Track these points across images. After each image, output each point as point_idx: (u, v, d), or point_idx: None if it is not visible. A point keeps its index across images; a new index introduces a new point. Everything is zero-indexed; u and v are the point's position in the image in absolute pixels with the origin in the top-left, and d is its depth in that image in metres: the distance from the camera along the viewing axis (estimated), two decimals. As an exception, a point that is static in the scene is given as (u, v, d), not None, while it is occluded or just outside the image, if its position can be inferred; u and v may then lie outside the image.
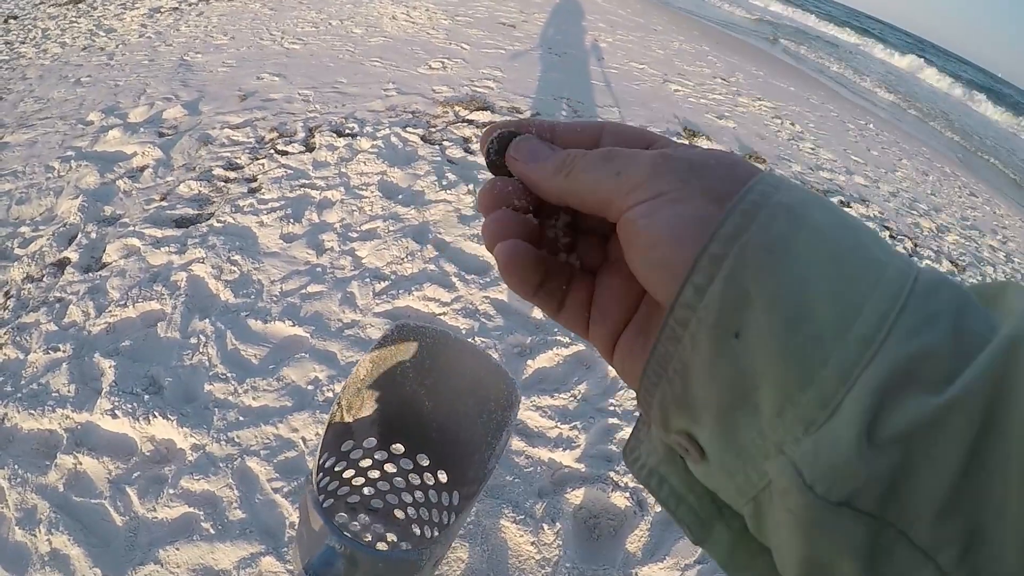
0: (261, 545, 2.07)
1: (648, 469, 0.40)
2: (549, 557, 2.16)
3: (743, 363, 0.30)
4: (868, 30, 39.87)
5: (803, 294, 0.29)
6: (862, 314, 0.28)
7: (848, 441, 0.27)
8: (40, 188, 3.85)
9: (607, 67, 8.27)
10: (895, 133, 11.90)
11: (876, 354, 0.27)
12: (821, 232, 0.30)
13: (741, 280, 0.30)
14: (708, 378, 0.31)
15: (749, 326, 0.30)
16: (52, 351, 2.67)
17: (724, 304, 0.30)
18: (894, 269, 0.30)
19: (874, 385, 0.27)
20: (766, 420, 0.30)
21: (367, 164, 4.31)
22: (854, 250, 0.30)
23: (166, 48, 6.64)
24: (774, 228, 0.30)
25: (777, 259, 0.30)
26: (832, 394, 0.28)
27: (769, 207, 0.31)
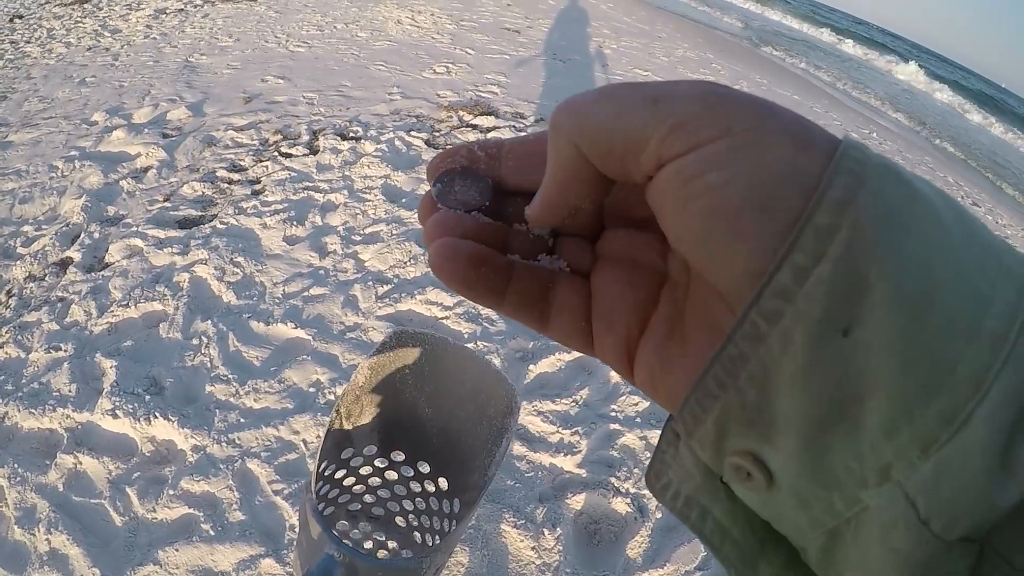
0: (261, 547, 2.06)
1: (684, 498, 0.32)
2: (550, 562, 2.15)
3: (852, 369, 0.23)
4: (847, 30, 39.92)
5: (929, 279, 0.23)
6: (992, 306, 0.23)
7: (980, 466, 0.22)
8: (43, 187, 3.86)
9: (611, 73, 8.27)
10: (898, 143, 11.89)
11: (1010, 355, 0.22)
12: (934, 205, 0.24)
13: (857, 260, 0.23)
14: (799, 388, 0.24)
15: (865, 320, 0.23)
16: (53, 350, 2.67)
17: (834, 292, 0.23)
18: (1011, 256, 0.24)
19: (1010, 392, 0.22)
20: (869, 440, 0.23)
21: (371, 167, 4.31)
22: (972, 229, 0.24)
23: (171, 49, 6.65)
24: (887, 195, 0.24)
25: (899, 234, 0.23)
26: (961, 405, 0.22)
27: (873, 168, 0.24)
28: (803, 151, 0.25)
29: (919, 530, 0.23)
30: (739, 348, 0.25)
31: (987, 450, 0.22)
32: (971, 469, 0.22)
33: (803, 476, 0.25)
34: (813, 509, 0.26)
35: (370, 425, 1.50)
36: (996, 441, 0.22)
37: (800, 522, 0.27)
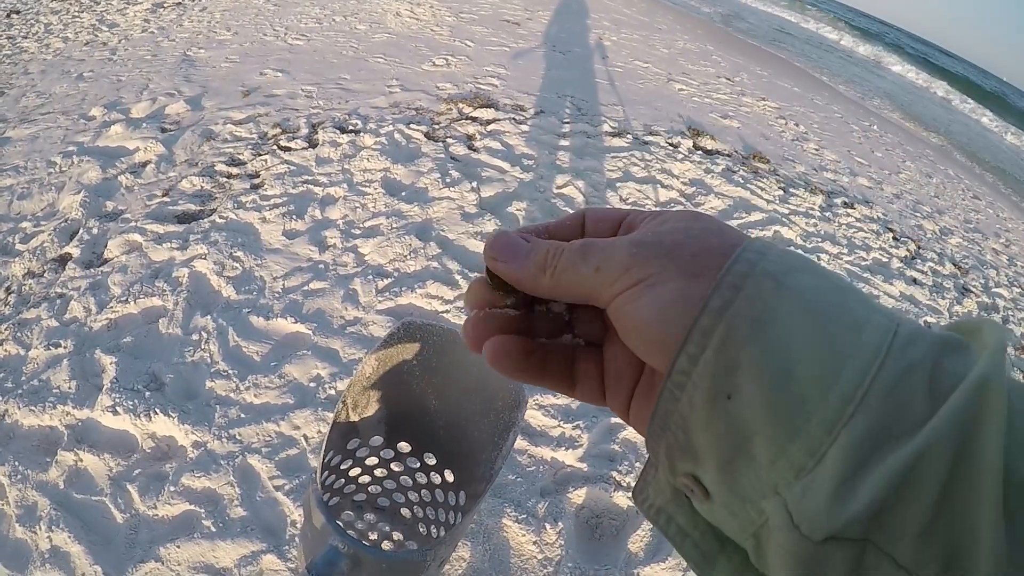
0: (262, 543, 2.06)
1: (656, 508, 0.42)
2: (551, 557, 2.15)
3: (737, 420, 0.32)
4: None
5: (787, 359, 0.31)
6: (842, 374, 0.30)
7: (829, 489, 0.30)
8: (42, 183, 3.84)
9: (611, 65, 8.26)
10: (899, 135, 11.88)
11: (856, 411, 0.30)
12: (804, 298, 0.33)
13: (730, 349, 0.33)
14: (706, 432, 0.34)
15: (739, 389, 0.32)
16: (53, 347, 2.66)
17: (716, 371, 0.33)
18: (873, 327, 0.32)
19: (854, 439, 0.29)
20: (762, 466, 0.32)
21: (370, 161, 4.30)
22: (836, 312, 0.33)
23: (169, 43, 6.63)
24: (759, 298, 0.33)
25: (762, 328, 0.32)
26: (818, 445, 0.30)
27: (755, 276, 0.34)
28: (692, 281, 0.36)
29: (793, 532, 0.31)
30: (665, 406, 0.36)
31: (835, 478, 0.29)
32: (824, 490, 0.30)
33: (725, 491, 0.34)
34: (739, 517, 0.34)
35: (376, 416, 1.50)
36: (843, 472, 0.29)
37: (734, 527, 0.35)
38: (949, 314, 4.69)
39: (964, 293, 5.21)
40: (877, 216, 6.00)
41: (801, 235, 4.90)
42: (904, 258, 5.33)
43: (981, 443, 0.28)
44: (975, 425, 0.28)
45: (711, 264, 0.37)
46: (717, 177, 5.28)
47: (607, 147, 5.34)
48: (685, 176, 5.17)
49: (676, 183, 5.00)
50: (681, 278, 0.37)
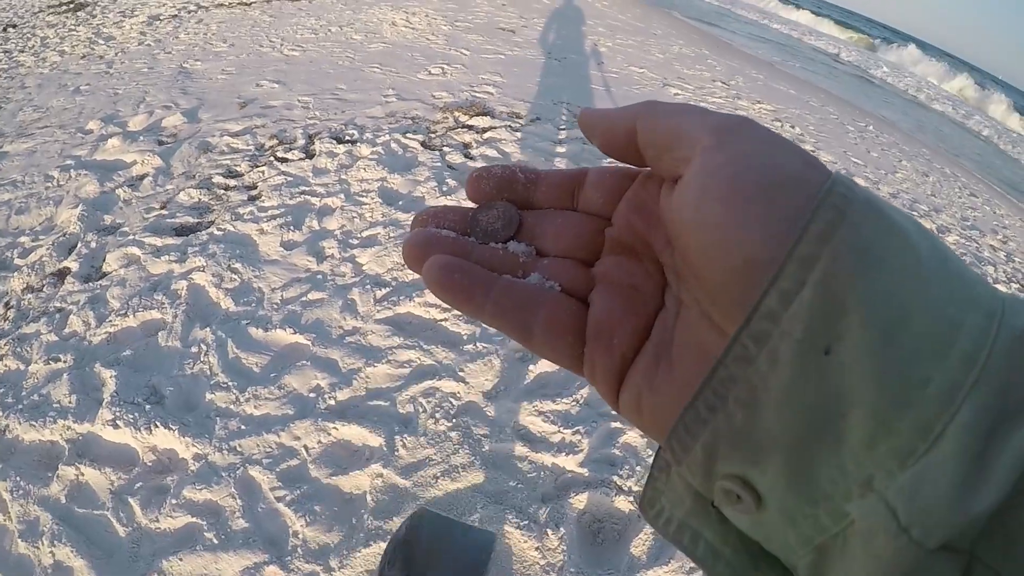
0: (264, 554, 2.06)
1: (677, 523, 0.34)
2: (554, 562, 2.15)
3: (832, 385, 0.26)
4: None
5: (901, 305, 0.25)
6: (963, 329, 0.25)
7: (955, 476, 0.24)
8: (40, 198, 3.85)
9: (607, 71, 8.27)
10: (895, 135, 11.90)
11: (982, 373, 0.24)
12: (910, 238, 0.27)
13: (835, 287, 0.26)
14: (785, 405, 0.27)
15: (843, 340, 0.26)
16: (53, 361, 2.67)
17: (815, 314, 0.26)
18: (982, 286, 0.27)
19: (982, 408, 0.24)
20: (852, 453, 0.26)
21: (367, 170, 4.31)
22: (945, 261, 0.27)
23: (165, 56, 6.65)
24: (865, 229, 0.27)
25: (873, 265, 0.26)
26: (935, 419, 0.24)
27: (858, 203, 0.27)
28: (810, 168, 0.30)
29: (900, 537, 0.24)
30: (729, 370, 0.28)
31: (961, 461, 0.23)
32: (946, 478, 0.24)
33: (790, 493, 0.27)
34: (801, 526, 0.28)
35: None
36: (969, 452, 0.23)
37: (789, 540, 0.29)
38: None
39: (962, 292, 5.20)
40: (874, 217, 5.98)
41: (798, 237, 4.89)
42: (902, 258, 5.32)
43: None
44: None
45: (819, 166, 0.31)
46: (714, 181, 5.27)
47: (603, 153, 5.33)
48: (682, 180, 5.16)
49: (673, 187, 4.98)
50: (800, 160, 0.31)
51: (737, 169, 0.30)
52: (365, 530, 2.14)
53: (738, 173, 0.30)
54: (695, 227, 0.32)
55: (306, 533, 2.13)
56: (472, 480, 2.35)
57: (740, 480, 0.29)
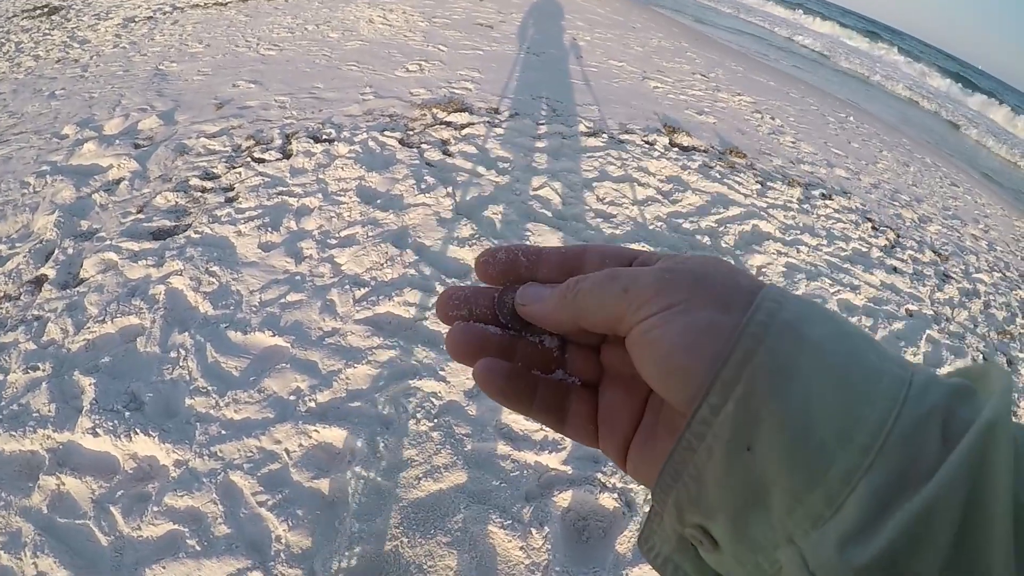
0: (248, 560, 2.05)
1: (663, 557, 0.42)
2: (538, 561, 2.15)
3: (755, 472, 0.33)
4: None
5: (808, 411, 0.32)
6: (862, 424, 0.31)
7: (844, 537, 0.30)
8: (16, 204, 3.82)
9: (586, 65, 8.28)
10: (876, 125, 11.96)
11: (875, 461, 0.31)
12: (823, 349, 0.34)
13: (752, 403, 0.33)
14: (722, 485, 0.35)
15: (760, 441, 0.33)
16: (31, 370, 2.64)
17: (737, 423, 0.34)
18: (889, 377, 0.33)
19: (873, 488, 0.30)
20: (776, 517, 0.33)
21: (345, 169, 4.29)
22: (854, 363, 0.33)
23: (141, 58, 6.61)
24: (780, 352, 0.34)
25: (784, 382, 0.33)
26: (836, 494, 0.31)
27: (775, 327, 0.35)
28: (722, 311, 0.37)
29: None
30: (681, 456, 0.36)
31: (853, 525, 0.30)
32: (838, 537, 0.30)
33: (735, 543, 0.35)
34: (748, 566, 0.35)
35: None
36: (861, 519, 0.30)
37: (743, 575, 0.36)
38: (930, 301, 4.73)
39: (945, 280, 5.25)
40: (855, 206, 6.04)
41: (780, 228, 4.92)
42: (884, 247, 5.37)
43: (991, 487, 0.29)
44: (984, 470, 0.29)
45: (739, 300, 0.38)
46: (694, 173, 5.30)
47: (583, 147, 5.35)
48: (662, 174, 5.18)
49: (653, 181, 5.01)
50: (712, 307, 0.38)
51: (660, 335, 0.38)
52: (348, 533, 2.14)
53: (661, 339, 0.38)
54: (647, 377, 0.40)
55: (289, 537, 2.13)
56: (455, 480, 2.35)
57: (702, 529, 0.37)
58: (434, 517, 2.22)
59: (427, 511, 2.24)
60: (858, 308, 4.22)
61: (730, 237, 4.51)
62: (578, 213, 4.28)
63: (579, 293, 0.43)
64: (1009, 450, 0.29)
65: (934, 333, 4.23)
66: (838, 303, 4.18)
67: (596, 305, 0.42)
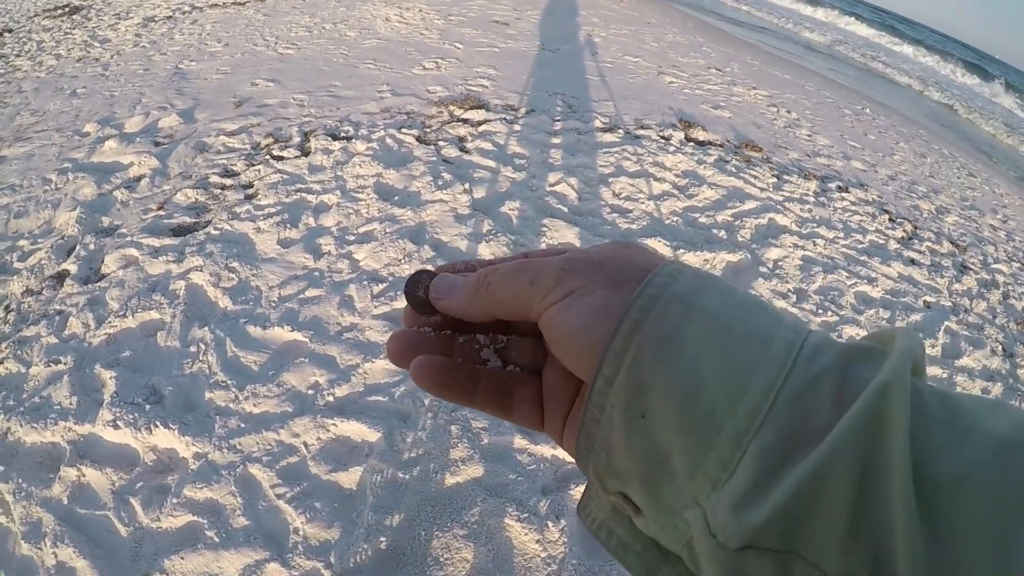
0: (266, 552, 2.07)
1: (599, 523, 0.45)
2: (555, 555, 2.16)
3: (653, 438, 0.35)
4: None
5: (694, 376, 0.34)
6: (749, 388, 0.33)
7: (737, 498, 0.31)
8: (38, 201, 3.86)
9: (601, 61, 8.26)
10: (892, 117, 11.86)
11: (764, 422, 0.32)
12: (711, 317, 0.35)
13: (640, 370, 0.35)
14: (627, 452, 0.36)
15: (652, 408, 0.35)
16: (53, 364, 2.68)
17: (629, 391, 0.35)
18: (780, 341, 0.34)
19: (763, 450, 0.31)
20: (681, 481, 0.34)
21: (363, 167, 4.31)
22: (743, 329, 0.35)
23: (160, 57, 6.66)
24: (666, 320, 0.36)
25: (669, 349, 0.35)
26: (729, 458, 0.32)
27: (664, 299, 0.36)
28: (615, 292, 0.39)
29: (710, 540, 0.33)
30: (588, 428, 0.38)
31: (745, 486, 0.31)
32: (732, 498, 0.32)
33: (653, 507, 0.37)
34: (667, 529, 0.37)
35: None
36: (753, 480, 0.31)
37: (668, 539, 0.38)
38: (948, 292, 4.69)
39: (963, 271, 5.19)
40: (872, 199, 5.99)
41: (796, 221, 4.89)
42: (901, 239, 5.32)
43: (886, 446, 0.29)
44: (878, 430, 0.30)
45: (633, 277, 0.39)
46: (710, 168, 5.28)
47: (599, 143, 5.35)
48: (678, 168, 5.17)
49: (669, 175, 5.00)
50: (605, 288, 0.39)
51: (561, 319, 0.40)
52: (365, 525, 2.15)
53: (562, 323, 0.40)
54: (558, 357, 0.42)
55: (306, 530, 2.14)
56: (472, 473, 2.36)
57: (622, 495, 0.39)
58: (451, 510, 2.23)
59: (444, 504, 2.25)
60: (875, 300, 4.18)
61: (746, 231, 4.49)
62: (594, 208, 4.28)
63: (490, 286, 0.45)
64: (904, 410, 0.30)
65: (952, 324, 4.19)
66: (855, 295, 4.15)
67: (507, 296, 0.44)
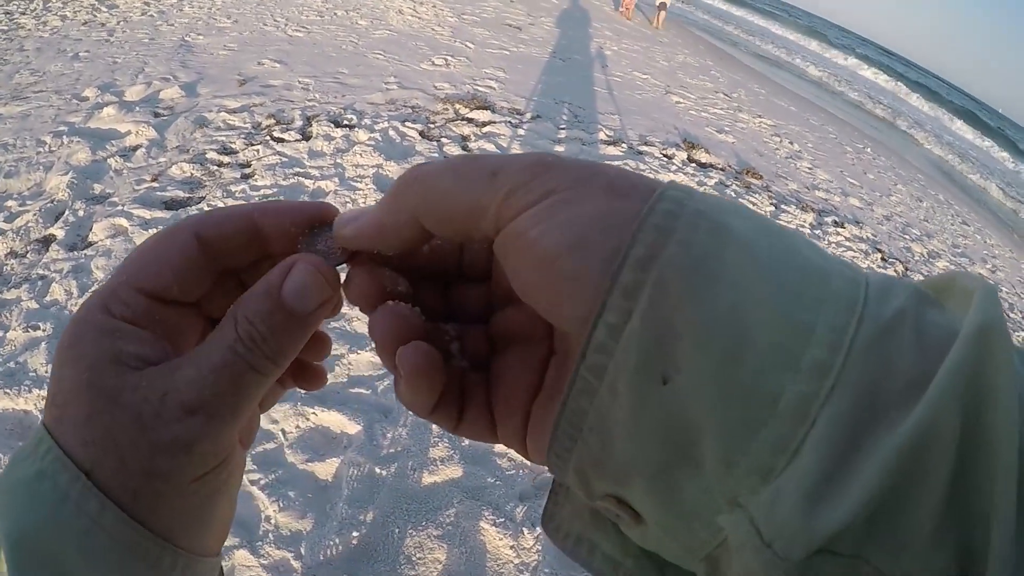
0: (235, 538, 2.03)
1: (574, 537, 0.34)
2: (528, 562, 2.13)
3: (676, 413, 0.24)
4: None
5: (741, 321, 0.23)
6: (814, 335, 0.23)
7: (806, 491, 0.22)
8: (30, 162, 3.80)
9: (611, 75, 8.28)
10: (892, 159, 11.95)
11: (837, 382, 0.22)
12: (749, 244, 0.25)
13: (664, 313, 0.24)
14: (634, 435, 0.26)
15: (679, 368, 0.24)
16: (32, 329, 2.62)
17: (646, 344, 0.24)
18: (839, 277, 0.25)
19: (838, 420, 0.22)
20: (712, 473, 0.24)
21: (363, 156, 4.28)
22: (792, 261, 0.25)
23: (168, 28, 6.60)
24: (695, 245, 0.25)
25: (705, 283, 0.24)
26: (790, 435, 0.23)
27: (686, 216, 0.26)
28: (617, 199, 0.27)
29: (764, 552, 0.23)
30: (577, 403, 0.27)
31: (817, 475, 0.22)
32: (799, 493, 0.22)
33: (663, 511, 0.27)
34: (681, 539, 0.27)
35: None
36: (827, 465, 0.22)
37: (678, 551, 0.28)
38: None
39: (950, 318, 5.23)
40: (867, 236, 6.02)
41: (791, 253, 4.90)
42: (892, 280, 5.35)
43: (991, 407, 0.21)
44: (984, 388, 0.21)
45: (638, 187, 0.28)
46: (710, 190, 5.26)
47: (602, 155, 5.35)
48: (679, 188, 5.17)
49: (669, 194, 4.99)
50: (603, 195, 0.28)
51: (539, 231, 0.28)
52: (339, 519, 2.11)
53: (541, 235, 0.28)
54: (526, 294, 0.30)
55: (279, 519, 2.10)
56: (450, 474, 2.33)
57: (615, 499, 0.28)
58: (427, 509, 2.20)
59: (420, 503, 2.22)
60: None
61: (743, 257, 4.49)
62: (593, 220, 4.27)
63: (424, 178, 0.31)
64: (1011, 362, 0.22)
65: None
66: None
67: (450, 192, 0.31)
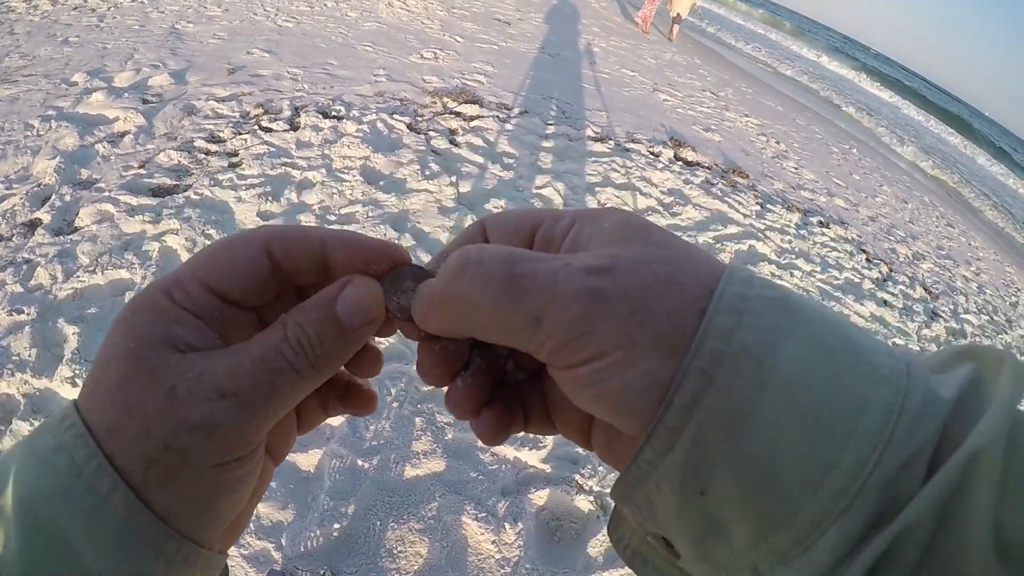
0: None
1: (632, 550, 0.39)
2: (509, 557, 2.14)
3: (712, 512, 0.30)
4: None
5: (771, 460, 0.28)
6: (835, 471, 0.27)
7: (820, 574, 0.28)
8: (17, 146, 3.78)
9: (599, 71, 8.28)
10: (878, 159, 12.01)
11: (851, 505, 0.27)
12: (791, 383, 0.28)
13: (703, 450, 0.29)
14: (675, 518, 0.31)
15: (714, 486, 0.29)
16: (16, 313, 2.61)
17: (687, 470, 0.29)
18: (876, 406, 0.28)
19: (846, 532, 0.27)
20: (740, 547, 0.30)
21: (351, 148, 4.27)
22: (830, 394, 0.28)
23: (158, 15, 6.55)
24: (736, 391, 0.29)
25: (741, 428, 0.28)
26: (804, 537, 0.28)
27: (731, 356, 0.29)
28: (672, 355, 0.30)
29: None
30: (629, 484, 0.33)
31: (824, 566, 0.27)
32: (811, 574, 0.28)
33: (695, 558, 0.32)
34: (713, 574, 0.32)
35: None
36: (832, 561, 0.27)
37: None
38: (917, 337, 4.76)
39: (933, 317, 5.28)
40: (852, 237, 6.07)
41: (775, 251, 4.94)
42: (876, 280, 5.40)
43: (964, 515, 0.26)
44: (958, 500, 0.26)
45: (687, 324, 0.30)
46: (696, 188, 5.31)
47: (589, 151, 5.36)
48: (664, 185, 5.19)
49: (655, 191, 5.02)
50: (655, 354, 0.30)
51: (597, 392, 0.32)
52: (320, 510, 2.12)
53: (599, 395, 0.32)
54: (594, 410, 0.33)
55: (259, 508, 2.11)
56: (433, 468, 2.34)
57: (662, 539, 0.34)
58: (408, 503, 2.21)
59: (402, 496, 2.22)
60: (847, 340, 4.22)
61: (726, 255, 4.52)
62: (579, 216, 4.27)
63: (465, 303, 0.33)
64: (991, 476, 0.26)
65: (919, 372, 4.24)
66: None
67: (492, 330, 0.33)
